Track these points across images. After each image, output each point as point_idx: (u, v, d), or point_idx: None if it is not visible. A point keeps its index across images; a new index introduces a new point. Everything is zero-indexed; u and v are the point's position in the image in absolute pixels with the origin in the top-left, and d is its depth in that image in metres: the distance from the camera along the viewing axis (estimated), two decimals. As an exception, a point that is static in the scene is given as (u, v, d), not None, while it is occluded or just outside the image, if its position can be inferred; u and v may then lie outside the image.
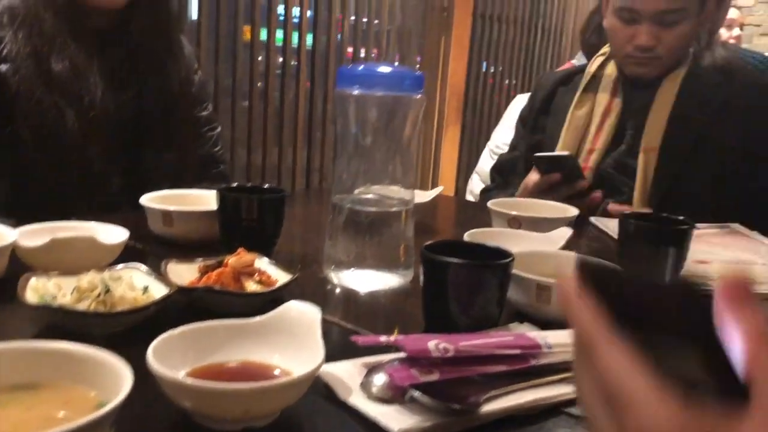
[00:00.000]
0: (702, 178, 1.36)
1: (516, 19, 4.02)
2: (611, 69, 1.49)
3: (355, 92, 0.84)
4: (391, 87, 0.83)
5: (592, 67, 1.53)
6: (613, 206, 1.38)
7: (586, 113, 1.49)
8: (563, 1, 4.35)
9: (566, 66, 2.57)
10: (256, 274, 0.78)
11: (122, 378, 0.45)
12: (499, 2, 3.87)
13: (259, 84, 2.89)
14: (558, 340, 0.65)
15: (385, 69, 0.85)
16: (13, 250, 0.80)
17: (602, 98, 1.48)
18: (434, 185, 3.73)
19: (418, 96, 0.86)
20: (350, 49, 3.27)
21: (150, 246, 1.00)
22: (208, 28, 2.69)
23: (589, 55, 2.50)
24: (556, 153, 1.45)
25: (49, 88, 1.14)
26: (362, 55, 3.29)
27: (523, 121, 1.71)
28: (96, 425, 0.41)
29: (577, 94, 1.51)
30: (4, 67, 1.14)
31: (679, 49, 1.38)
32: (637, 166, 1.39)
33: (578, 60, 2.55)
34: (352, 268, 0.87)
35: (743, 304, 0.31)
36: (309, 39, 3.06)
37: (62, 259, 0.77)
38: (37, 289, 0.68)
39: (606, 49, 1.52)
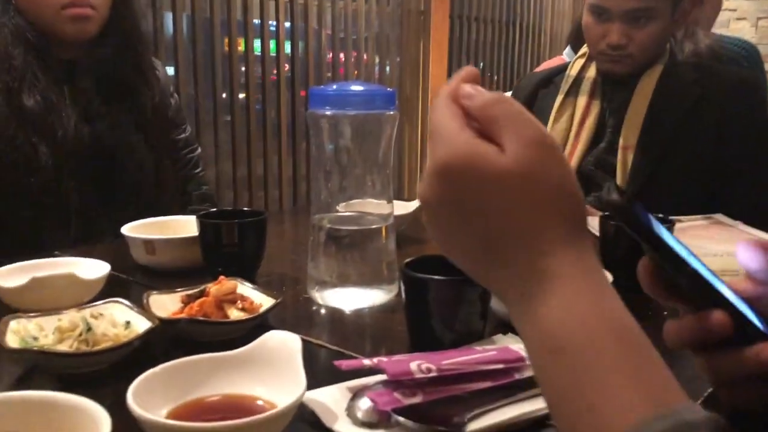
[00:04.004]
0: (677, 173, 1.37)
1: (493, 19, 4.03)
2: (591, 71, 1.50)
3: (328, 113, 0.84)
4: (363, 106, 0.84)
5: (573, 70, 1.54)
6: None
7: (567, 117, 1.50)
8: (540, 0, 4.37)
9: (555, 61, 2.58)
10: (239, 300, 0.78)
11: (101, 424, 0.45)
12: (475, 3, 3.88)
13: (240, 96, 2.89)
14: (541, 352, 0.65)
15: (357, 88, 0.86)
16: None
17: (582, 101, 1.49)
18: (421, 188, 3.72)
19: (392, 112, 0.86)
20: (330, 55, 3.28)
21: (134, 276, 1.00)
22: (185, 44, 2.68)
23: (577, 48, 2.49)
24: None
25: (21, 125, 1.13)
26: (342, 59, 3.30)
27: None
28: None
29: (558, 99, 1.52)
30: None
31: (651, 48, 1.39)
32: (617, 163, 1.41)
33: (567, 55, 2.57)
34: (336, 288, 0.87)
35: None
36: (287, 48, 3.06)
37: (43, 298, 0.77)
38: (18, 332, 0.67)
39: (585, 49, 1.53)
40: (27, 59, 1.15)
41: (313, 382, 0.61)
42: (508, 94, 1.92)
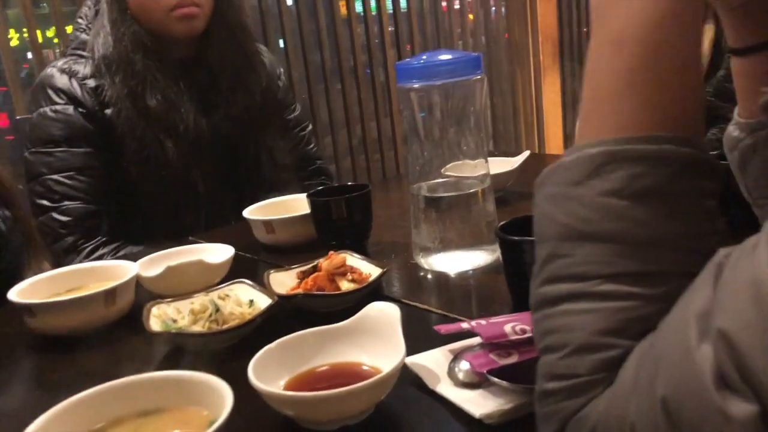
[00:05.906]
0: None
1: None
2: None
3: (416, 85, 0.86)
4: (449, 74, 0.85)
5: None
6: None
7: None
8: None
9: None
10: (349, 272, 0.84)
11: (225, 397, 0.52)
12: (581, -70, 3.67)
13: (349, 61, 2.94)
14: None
15: (442, 57, 0.87)
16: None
17: None
18: (540, 135, 3.64)
19: (479, 76, 0.87)
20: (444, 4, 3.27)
21: (258, 254, 1.08)
22: (292, 17, 2.76)
23: None
24: None
25: (148, 124, 1.25)
26: (445, 7, 3.27)
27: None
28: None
29: None
30: (108, 111, 1.26)
31: None
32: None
33: None
34: (439, 253, 0.90)
35: None
36: (389, 4, 3.07)
37: (177, 284, 0.86)
38: (159, 316, 0.77)
39: None
40: (146, 62, 1.25)
41: (422, 346, 0.65)
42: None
